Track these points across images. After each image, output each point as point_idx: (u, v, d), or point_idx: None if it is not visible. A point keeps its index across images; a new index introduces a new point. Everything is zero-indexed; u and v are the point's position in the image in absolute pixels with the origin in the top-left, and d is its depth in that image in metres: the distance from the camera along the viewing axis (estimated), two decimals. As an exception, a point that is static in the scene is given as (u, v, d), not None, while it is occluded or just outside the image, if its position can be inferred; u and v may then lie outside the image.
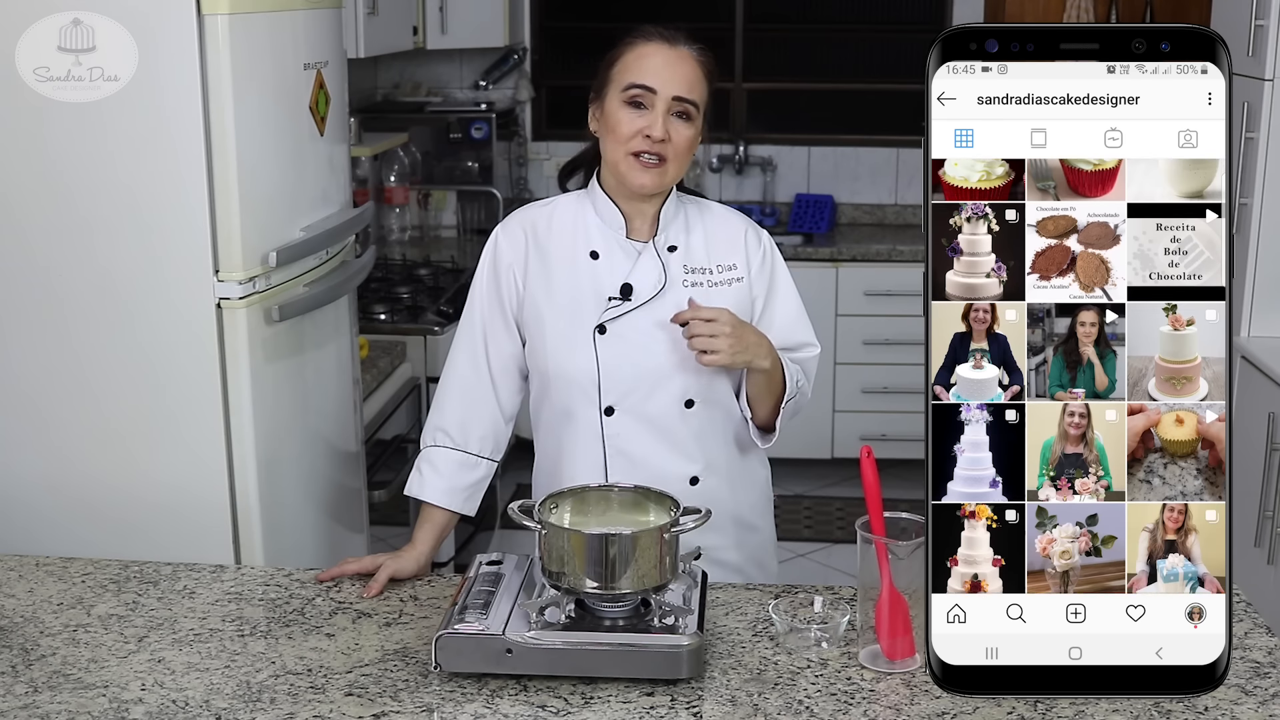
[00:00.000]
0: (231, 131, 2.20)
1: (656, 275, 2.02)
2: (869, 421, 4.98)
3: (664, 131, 1.95)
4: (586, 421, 2.04)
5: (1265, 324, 3.47)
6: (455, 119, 5.10)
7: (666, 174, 1.99)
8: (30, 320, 2.24)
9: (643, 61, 1.97)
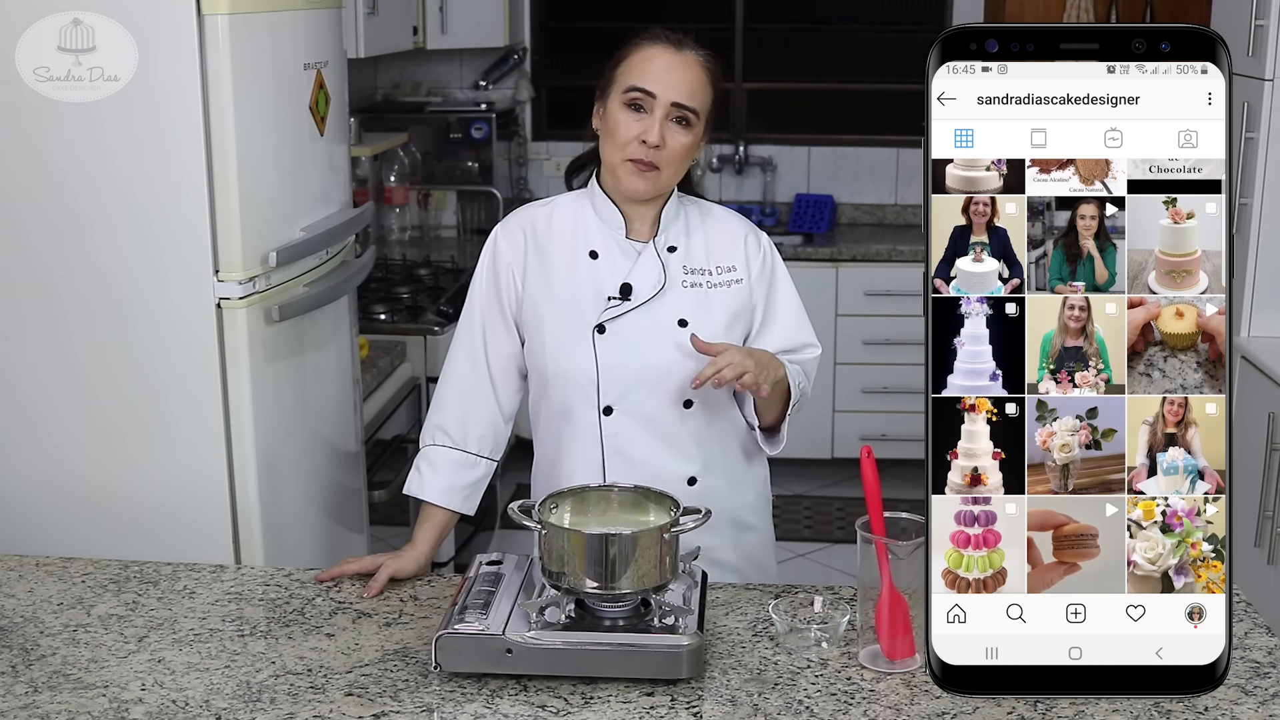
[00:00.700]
0: (231, 131, 2.20)
1: (656, 275, 2.02)
2: (869, 421, 4.98)
3: (660, 137, 1.95)
4: (585, 421, 2.04)
5: (1265, 324, 3.47)
6: (455, 119, 5.11)
7: (659, 180, 1.99)
8: (30, 320, 2.25)
9: (645, 65, 1.97)
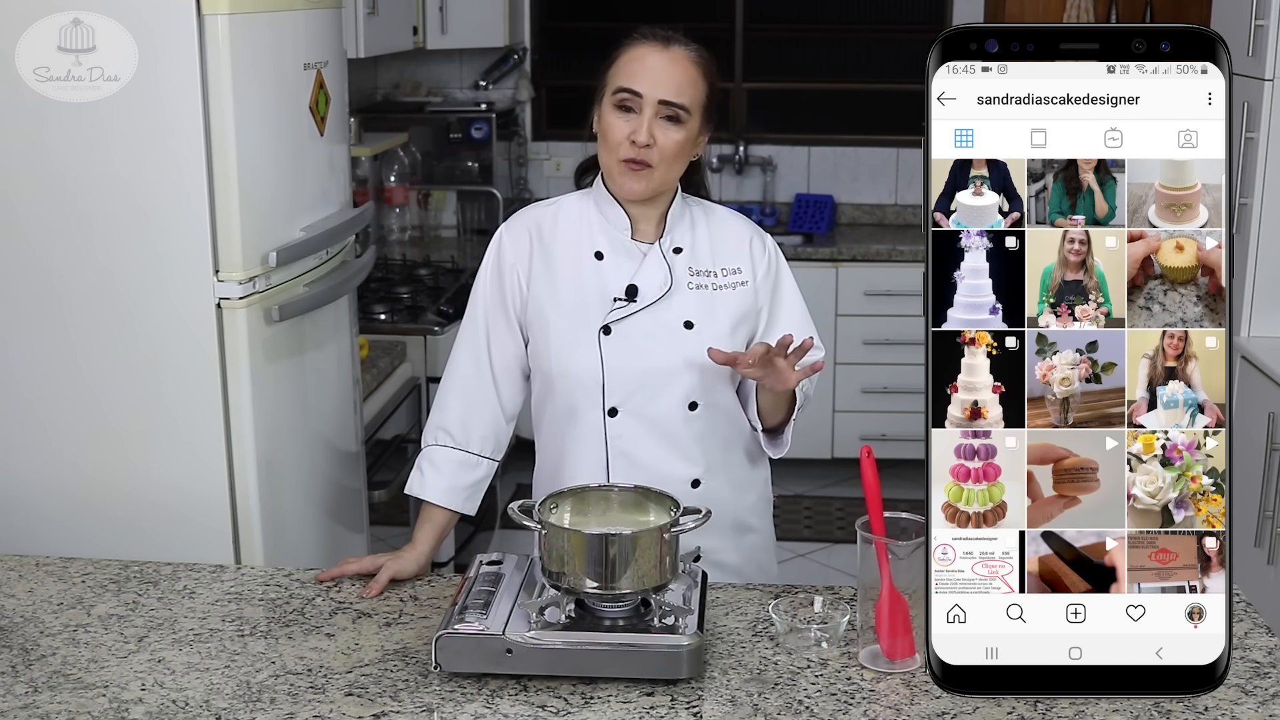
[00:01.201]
0: (231, 131, 2.20)
1: (662, 277, 2.02)
2: (869, 421, 4.98)
3: (649, 136, 1.94)
4: (589, 422, 2.03)
5: (1265, 324, 3.47)
6: (455, 119, 5.11)
7: (653, 179, 1.98)
8: (30, 320, 2.25)
9: (633, 65, 1.97)
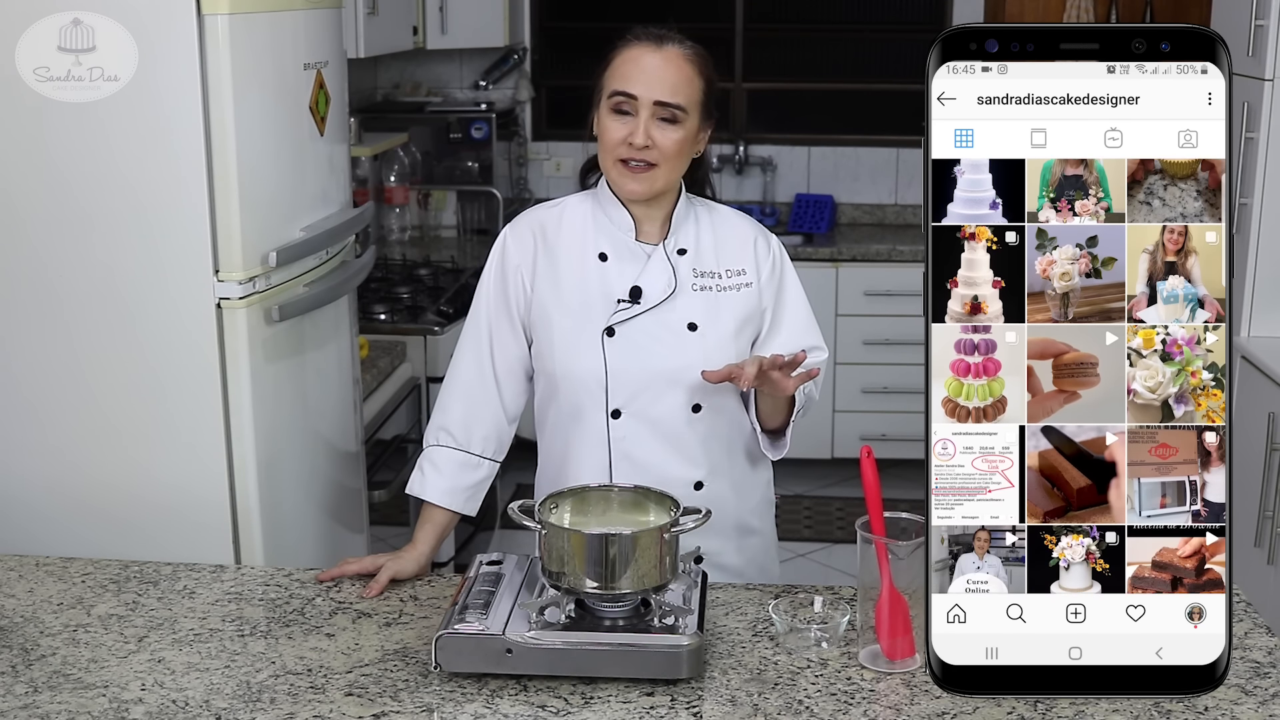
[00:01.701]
0: (231, 131, 2.20)
1: (666, 279, 2.02)
2: (869, 421, 4.98)
3: (646, 138, 1.94)
4: (592, 424, 2.03)
5: (1265, 324, 3.47)
6: (455, 119, 5.11)
7: (657, 179, 1.98)
8: (30, 320, 2.25)
9: (627, 67, 1.97)
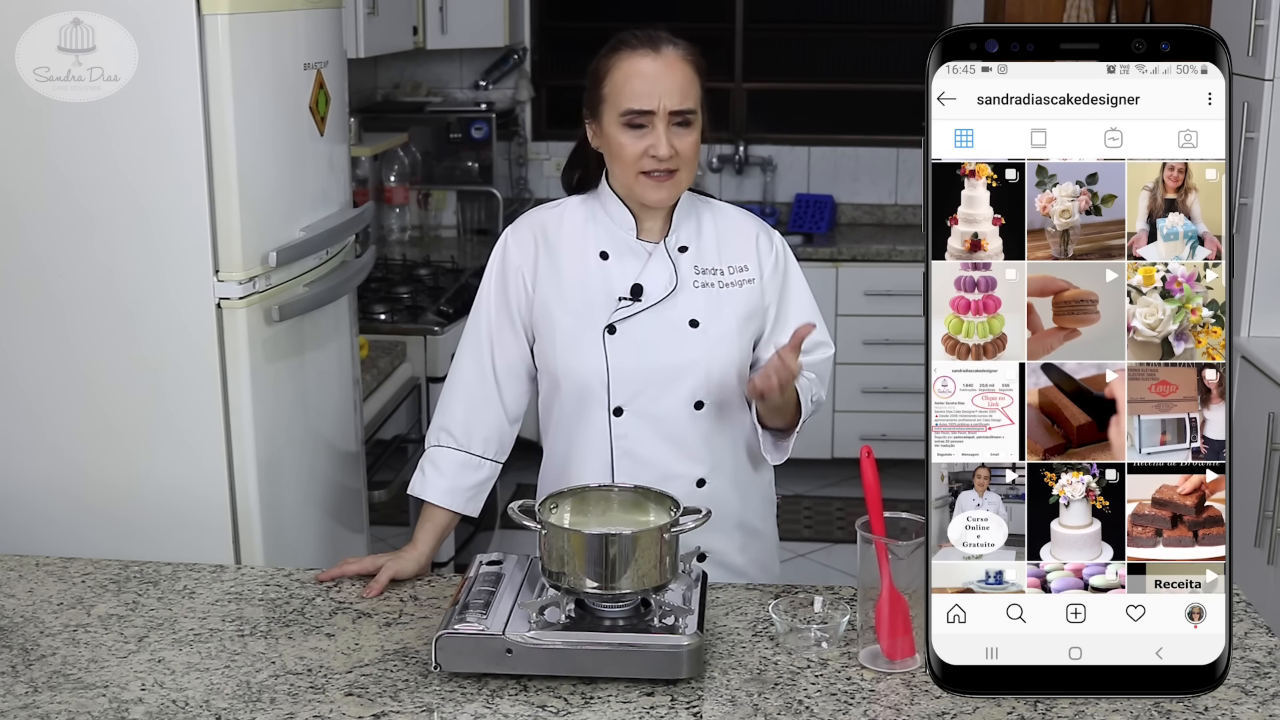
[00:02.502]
0: (231, 131, 2.20)
1: (667, 276, 2.02)
2: (869, 421, 4.98)
3: (669, 148, 1.94)
4: (595, 422, 2.03)
5: (1265, 324, 3.47)
6: (455, 119, 5.11)
7: (680, 183, 1.99)
8: (30, 320, 2.25)
9: (633, 82, 1.94)
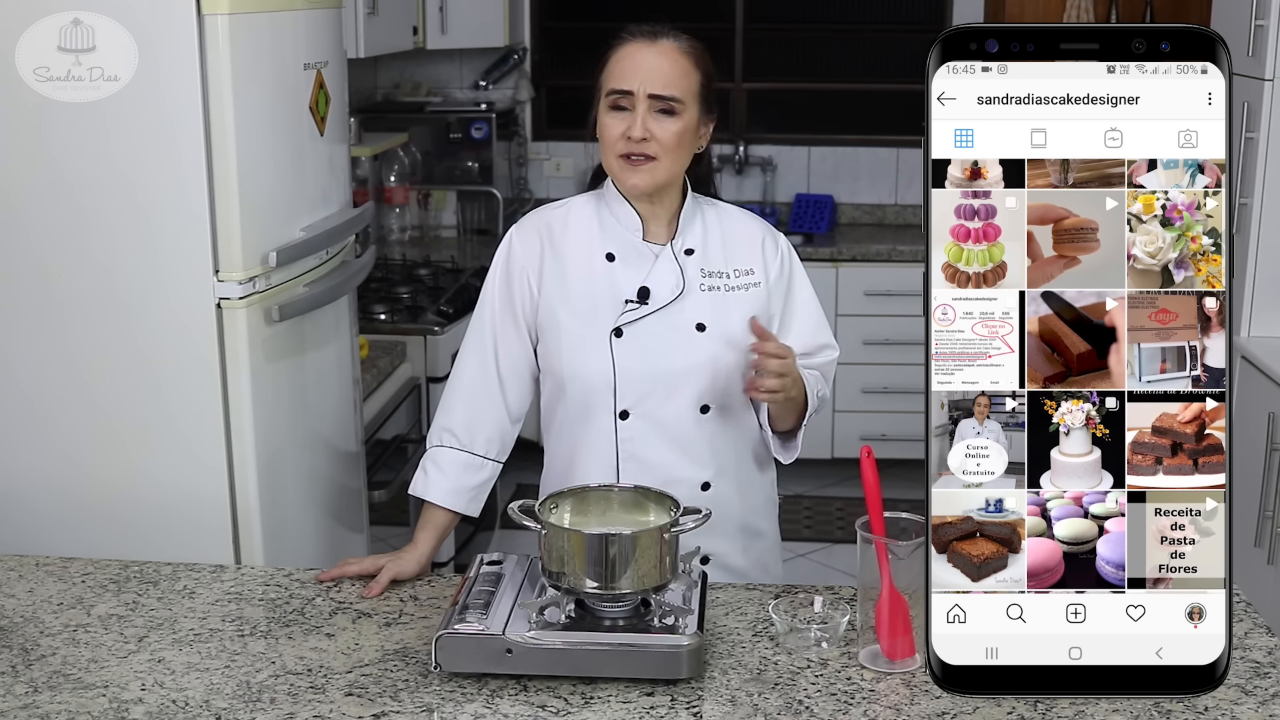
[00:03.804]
0: (231, 131, 2.20)
1: (674, 279, 2.02)
2: (869, 421, 4.98)
3: (644, 130, 1.94)
4: (600, 425, 2.03)
5: (1265, 324, 3.47)
6: (455, 119, 5.11)
7: (658, 171, 1.98)
8: (30, 320, 2.25)
9: (621, 65, 1.97)
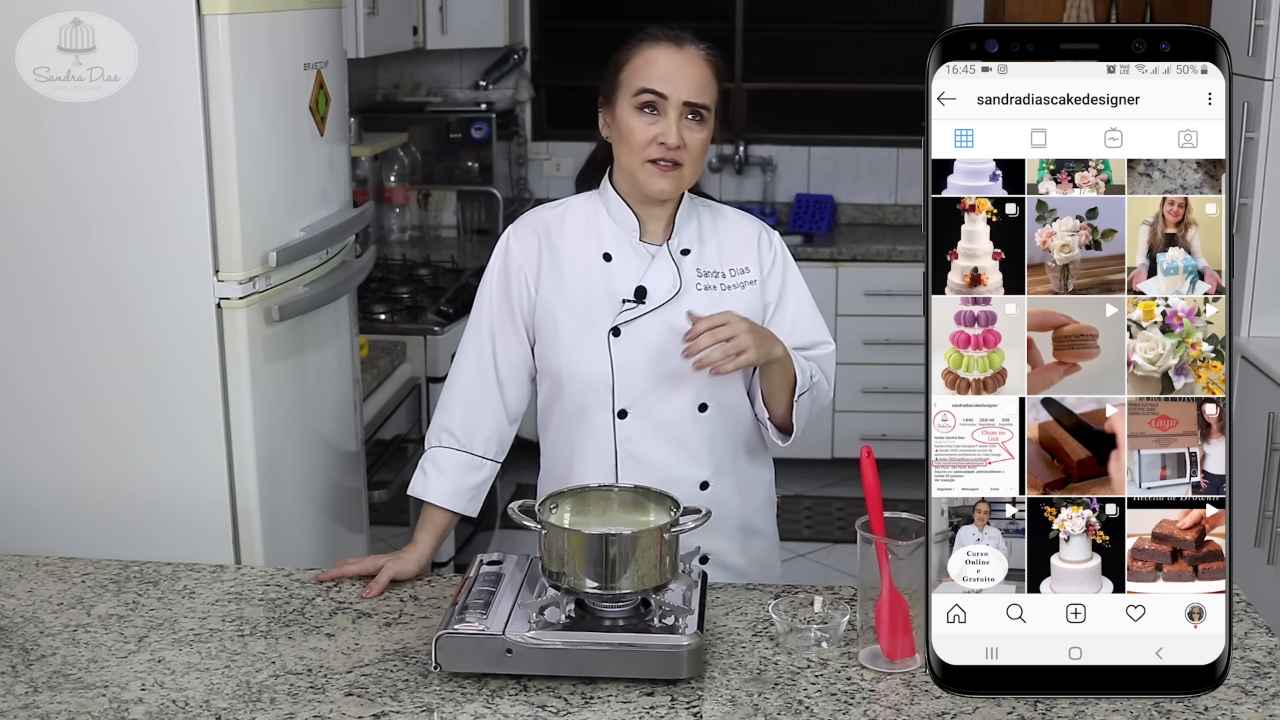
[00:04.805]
0: (231, 131, 2.20)
1: (671, 279, 2.02)
2: (869, 421, 4.98)
3: (679, 138, 1.94)
4: (598, 424, 2.03)
5: (1265, 324, 3.47)
6: (455, 119, 5.11)
7: (684, 178, 1.99)
8: (30, 320, 2.25)
9: (651, 67, 1.96)
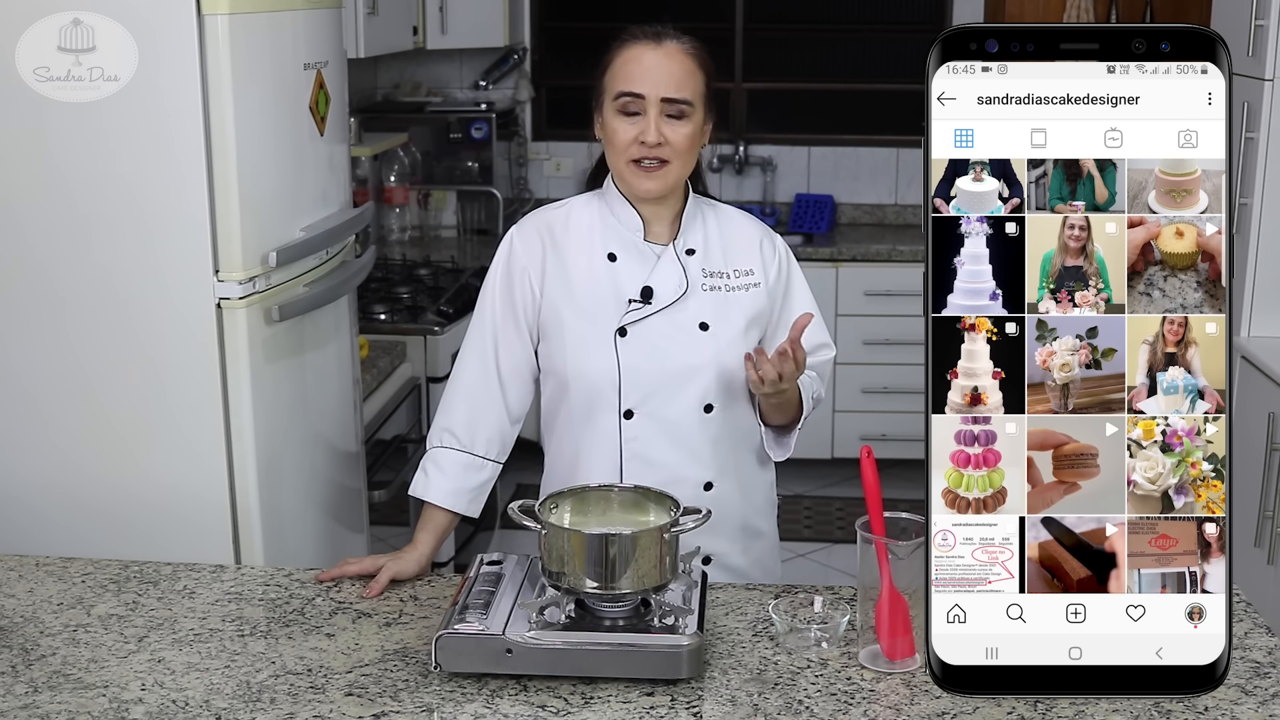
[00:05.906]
0: (231, 131, 2.20)
1: (677, 279, 2.02)
2: (869, 421, 4.98)
3: (658, 135, 1.95)
4: (604, 425, 2.03)
5: (1265, 324, 3.47)
6: (455, 119, 5.11)
7: (670, 175, 1.99)
8: (30, 320, 2.24)
9: (629, 67, 1.97)
